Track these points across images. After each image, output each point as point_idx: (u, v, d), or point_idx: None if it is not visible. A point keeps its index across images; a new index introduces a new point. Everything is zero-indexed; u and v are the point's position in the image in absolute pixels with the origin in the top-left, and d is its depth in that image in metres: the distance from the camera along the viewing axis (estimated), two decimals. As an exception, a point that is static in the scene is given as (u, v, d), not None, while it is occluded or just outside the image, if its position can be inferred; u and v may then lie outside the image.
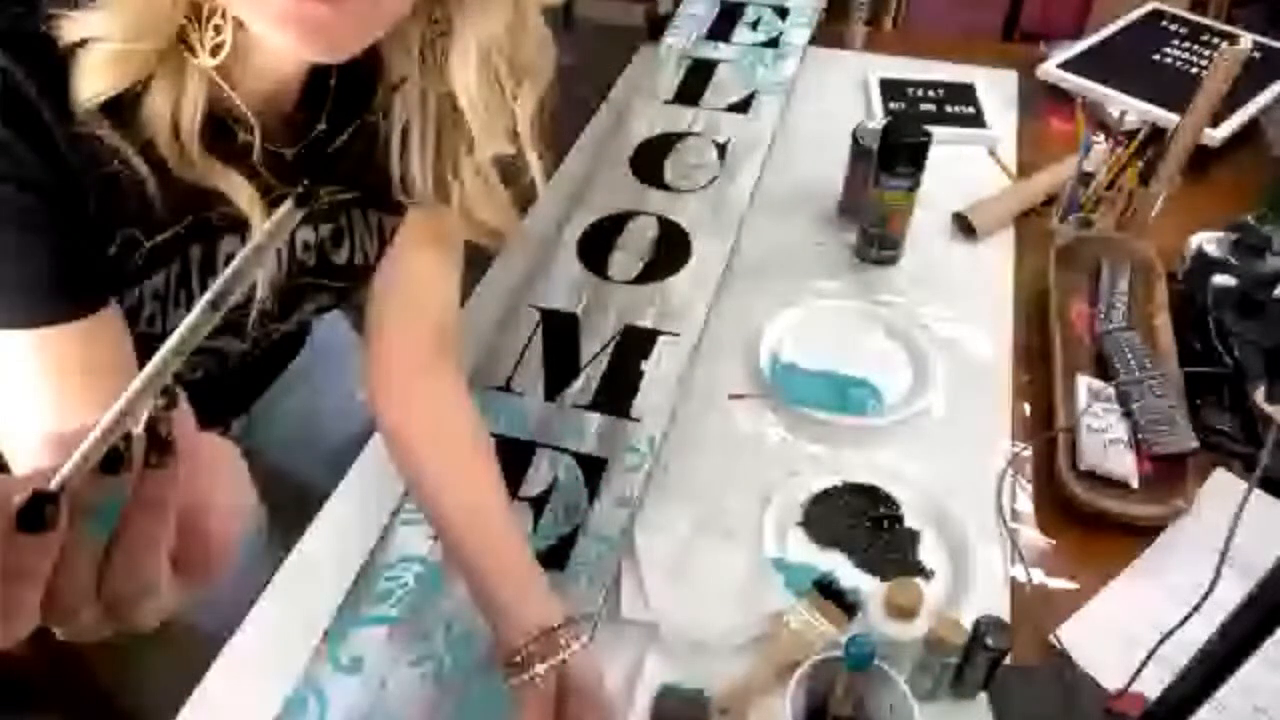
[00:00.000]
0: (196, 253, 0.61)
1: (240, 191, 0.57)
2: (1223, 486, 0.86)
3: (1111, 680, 0.71)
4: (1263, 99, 1.30)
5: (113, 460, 0.28)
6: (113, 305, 0.57)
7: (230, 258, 0.60)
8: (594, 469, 0.85)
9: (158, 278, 0.60)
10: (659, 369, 0.94)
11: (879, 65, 1.47)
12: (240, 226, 0.61)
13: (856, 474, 0.87)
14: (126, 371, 0.53)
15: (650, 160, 1.23)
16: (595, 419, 0.89)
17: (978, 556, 0.80)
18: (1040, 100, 1.40)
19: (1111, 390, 0.92)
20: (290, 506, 0.87)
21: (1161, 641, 0.64)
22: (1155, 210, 1.10)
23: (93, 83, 0.50)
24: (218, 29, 0.52)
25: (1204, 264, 1.02)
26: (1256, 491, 0.61)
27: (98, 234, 0.55)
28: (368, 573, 0.76)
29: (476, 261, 1.18)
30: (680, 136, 1.27)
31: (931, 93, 1.40)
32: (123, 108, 0.52)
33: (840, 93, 1.43)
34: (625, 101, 1.36)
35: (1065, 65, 1.39)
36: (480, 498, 0.74)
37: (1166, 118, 1.23)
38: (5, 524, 0.27)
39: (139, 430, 0.29)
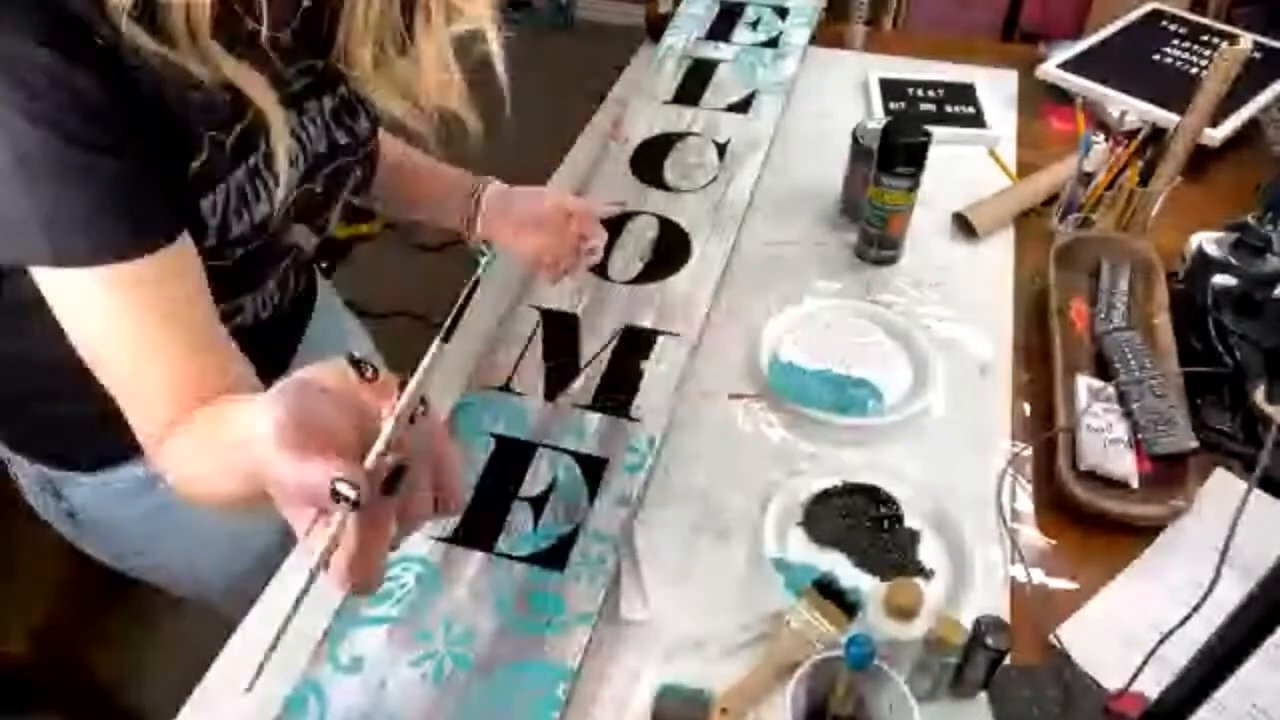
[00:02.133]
0: (263, 144, 0.66)
1: (252, 82, 0.61)
2: (1223, 486, 0.86)
3: (1111, 680, 0.72)
4: (1263, 99, 1.30)
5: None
6: (184, 236, 0.61)
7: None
8: (594, 469, 0.85)
9: (239, 173, 0.65)
10: (659, 369, 0.94)
11: (879, 65, 1.47)
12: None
13: (856, 474, 0.87)
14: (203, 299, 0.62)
15: (650, 160, 1.23)
16: (595, 419, 0.89)
17: (978, 556, 0.80)
18: (1040, 100, 1.40)
19: (1111, 390, 0.92)
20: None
21: (1161, 641, 0.64)
22: (1155, 210, 1.10)
23: None
24: None
25: (1204, 264, 1.02)
26: (1256, 491, 0.61)
27: (181, 148, 0.61)
28: (368, 573, 0.76)
29: (477, 261, 1.18)
30: (680, 136, 1.27)
31: (931, 93, 1.40)
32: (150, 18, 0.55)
33: (840, 93, 1.43)
34: (625, 101, 1.36)
35: (1065, 65, 1.39)
36: None
37: (1166, 118, 1.23)
38: (374, 492, 0.41)
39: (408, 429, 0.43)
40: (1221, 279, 0.99)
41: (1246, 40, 1.00)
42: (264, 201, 0.67)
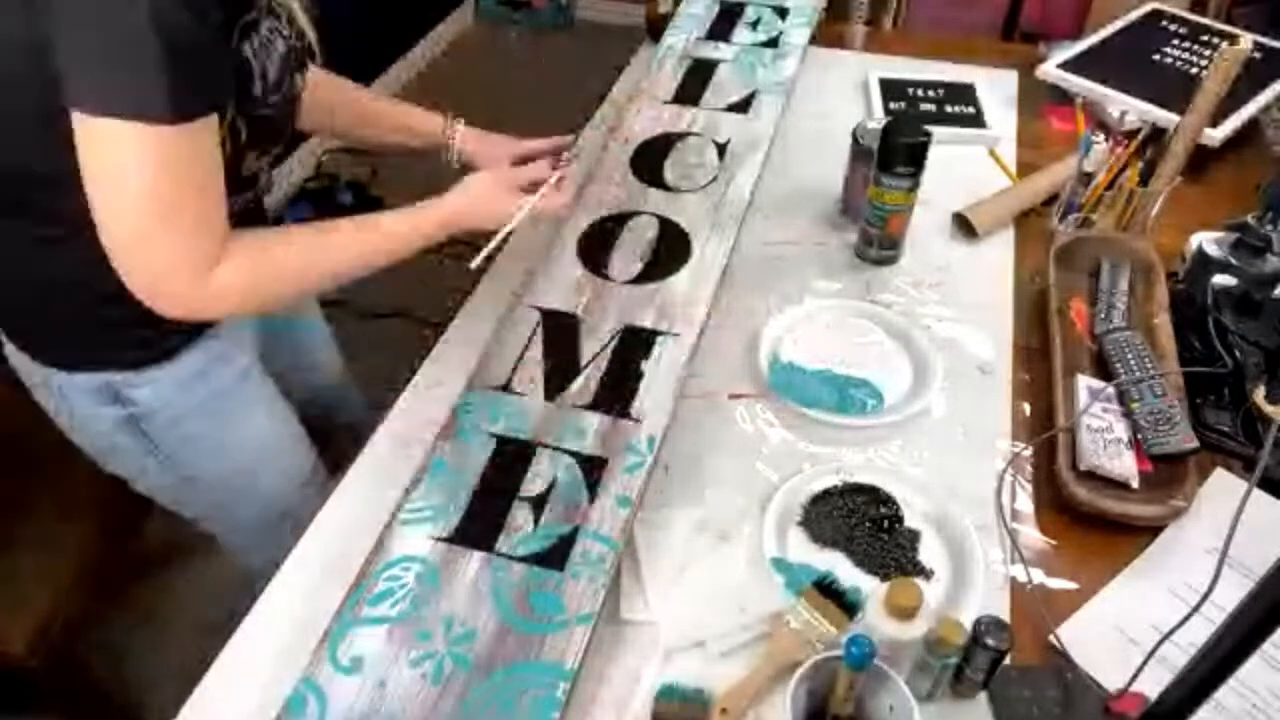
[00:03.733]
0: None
1: None
2: (1223, 486, 0.86)
3: (1111, 680, 0.72)
4: (1263, 99, 1.30)
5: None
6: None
7: None
8: (594, 469, 0.85)
9: (266, 23, 0.77)
10: (659, 369, 0.94)
11: (879, 65, 1.47)
12: None
13: (856, 474, 0.87)
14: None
15: (650, 160, 1.23)
16: (595, 419, 0.89)
17: (978, 556, 0.80)
18: (1040, 100, 1.40)
19: (1111, 390, 0.92)
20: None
21: (1161, 641, 0.64)
22: (1155, 210, 1.10)
23: None
24: None
25: (1204, 264, 1.02)
26: (1256, 491, 0.61)
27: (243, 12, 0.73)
28: (368, 573, 0.76)
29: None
30: (680, 136, 1.27)
31: (931, 93, 1.40)
32: None
33: (840, 93, 1.43)
34: (625, 101, 1.36)
35: (1065, 65, 1.39)
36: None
37: (1166, 118, 1.23)
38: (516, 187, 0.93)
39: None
40: (1221, 279, 0.99)
41: (1246, 40, 1.00)
42: (274, 55, 0.79)
